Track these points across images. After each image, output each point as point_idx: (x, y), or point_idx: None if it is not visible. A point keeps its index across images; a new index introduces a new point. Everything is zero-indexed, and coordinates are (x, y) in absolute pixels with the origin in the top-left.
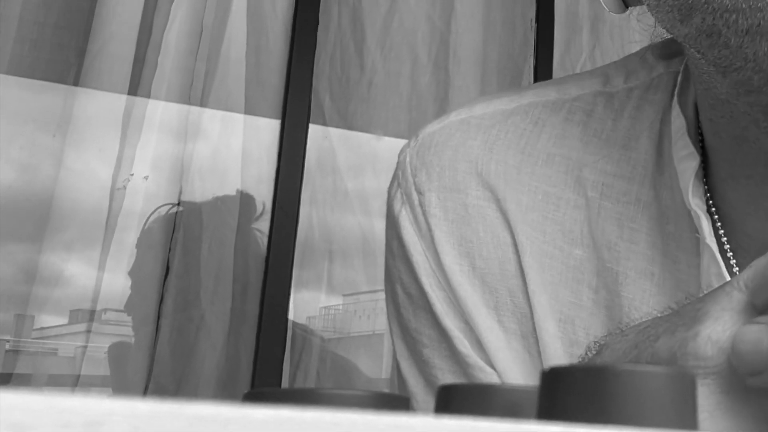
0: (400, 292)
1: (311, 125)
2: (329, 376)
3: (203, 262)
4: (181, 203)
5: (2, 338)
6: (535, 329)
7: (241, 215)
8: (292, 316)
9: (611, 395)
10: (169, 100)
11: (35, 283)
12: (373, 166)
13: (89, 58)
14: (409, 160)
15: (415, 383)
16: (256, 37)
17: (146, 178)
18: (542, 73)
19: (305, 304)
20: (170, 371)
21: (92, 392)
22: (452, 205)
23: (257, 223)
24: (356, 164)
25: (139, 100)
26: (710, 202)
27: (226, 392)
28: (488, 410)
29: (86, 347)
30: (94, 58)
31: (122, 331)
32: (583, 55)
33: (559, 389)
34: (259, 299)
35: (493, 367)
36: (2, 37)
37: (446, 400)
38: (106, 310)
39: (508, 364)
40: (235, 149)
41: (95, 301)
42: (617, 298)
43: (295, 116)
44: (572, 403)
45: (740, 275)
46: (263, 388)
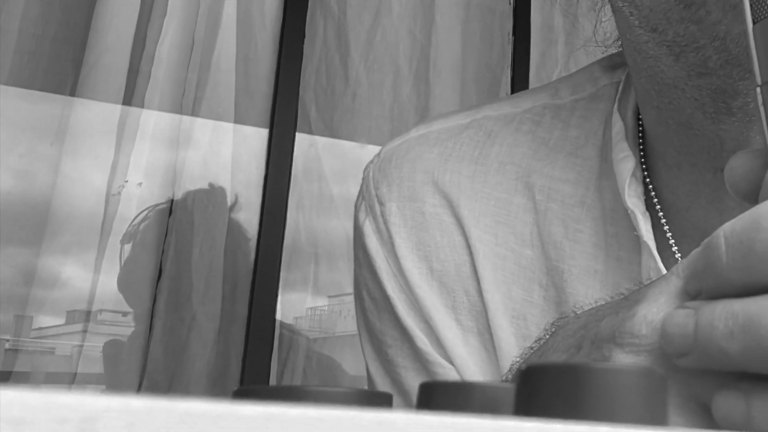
0: (366, 297)
1: (298, 134)
2: (315, 374)
3: (194, 264)
4: (173, 208)
5: (2, 338)
6: (490, 326)
7: (230, 219)
8: (279, 316)
9: (585, 392)
10: (162, 109)
11: (34, 284)
12: (357, 172)
13: (85, 69)
14: (372, 174)
15: (382, 382)
16: (245, 49)
17: (140, 184)
18: (519, 83)
19: (292, 305)
20: (163, 369)
21: (88, 389)
22: (411, 213)
23: (233, 213)
24: (341, 171)
25: (133, 109)
26: (655, 199)
27: (216, 389)
28: (467, 407)
29: (82, 346)
30: (90, 69)
31: (117, 330)
32: (558, 66)
33: (535, 386)
34: (248, 300)
35: (452, 362)
36: (2, 49)
37: (427, 396)
38: (101, 310)
39: (465, 359)
40: (225, 156)
41: (91, 302)
42: (563, 294)
43: (282, 125)
44: (548, 399)
45: (680, 262)
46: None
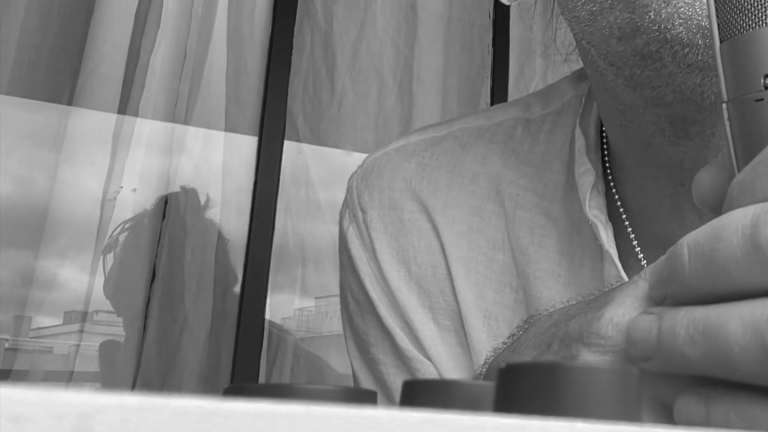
0: (350, 299)
1: (286, 141)
2: (302, 372)
3: (187, 267)
4: (166, 213)
5: (2, 337)
6: (464, 325)
7: (221, 223)
8: (268, 316)
9: (562, 390)
10: (155, 118)
11: (32, 286)
12: (343, 179)
13: (82, 79)
14: (355, 184)
15: (365, 379)
16: (235, 60)
17: (134, 190)
18: (498, 94)
19: (280, 306)
20: (156, 367)
21: (85, 387)
22: (390, 219)
23: (207, 212)
24: (327, 177)
25: (127, 118)
26: (621, 209)
27: (207, 387)
28: (449, 404)
29: (79, 346)
30: (86, 79)
31: (112, 330)
32: (536, 77)
33: (514, 384)
34: (238, 301)
35: (430, 359)
36: (2, 60)
37: (410, 394)
38: (97, 311)
39: (442, 356)
40: (216, 163)
41: (87, 303)
42: (530, 297)
43: (271, 133)
44: (526, 396)
45: (647, 268)
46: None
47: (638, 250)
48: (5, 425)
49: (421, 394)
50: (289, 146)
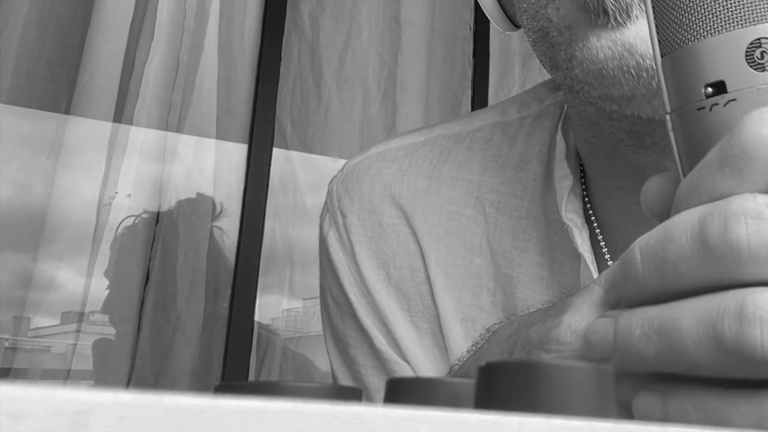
0: (330, 301)
1: (275, 149)
2: (290, 370)
3: (179, 269)
4: (159, 217)
5: (1, 337)
6: (442, 328)
7: (212, 227)
8: (257, 317)
9: (540, 387)
10: (149, 126)
11: (31, 288)
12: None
13: (78, 89)
14: (335, 188)
15: (344, 379)
16: (226, 71)
17: (129, 195)
18: (479, 102)
19: (269, 306)
20: (150, 365)
21: (81, 384)
22: (370, 224)
23: (217, 221)
24: (314, 183)
25: (122, 126)
26: (593, 216)
27: (199, 384)
28: (431, 401)
29: (76, 345)
30: (83, 89)
31: (108, 330)
32: (515, 86)
33: (494, 382)
34: (228, 302)
35: (407, 361)
36: (2, 70)
37: (394, 391)
38: (93, 312)
39: (420, 358)
40: (207, 170)
41: (84, 304)
42: (512, 299)
43: (260, 141)
44: (505, 394)
45: (601, 274)
46: (232, 380)
47: (606, 253)
48: (5, 421)
49: (404, 391)
50: (277, 153)
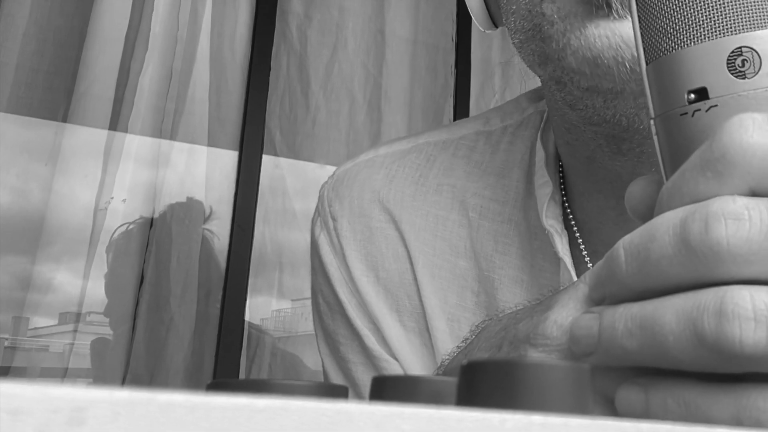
0: (321, 301)
1: (264, 156)
2: (279, 368)
3: (172, 272)
4: (153, 222)
5: (1, 336)
6: (428, 327)
7: (204, 231)
8: (248, 317)
9: (519, 385)
10: (143, 134)
11: (29, 289)
12: (317, 190)
13: (75, 98)
14: (326, 193)
15: (335, 376)
16: (217, 80)
17: (124, 200)
18: (461, 111)
19: (259, 307)
20: (144, 364)
21: (78, 382)
22: (360, 227)
23: (207, 224)
24: (302, 189)
25: (118, 134)
26: (570, 216)
27: (192, 382)
28: (415, 398)
29: (73, 344)
30: (79, 98)
31: (104, 330)
32: (495, 96)
33: (475, 380)
34: (220, 303)
35: (396, 358)
36: (2, 80)
37: (379, 389)
38: (90, 312)
39: (408, 356)
40: (199, 176)
41: (81, 305)
42: (494, 300)
43: (250, 148)
44: (486, 391)
45: (587, 272)
46: (223, 378)
47: (586, 255)
48: (4, 418)
49: (389, 389)
50: (267, 160)
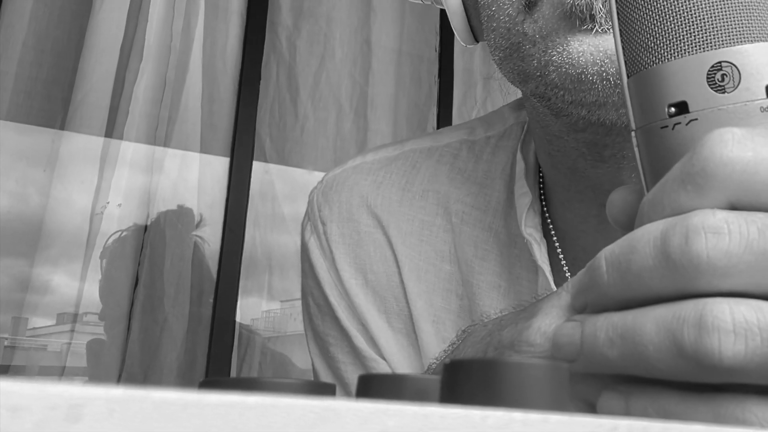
0: (311, 303)
1: (255, 162)
2: (269, 367)
3: (166, 274)
4: (148, 226)
5: (1, 336)
6: (415, 328)
7: (197, 235)
8: (239, 318)
9: (501, 383)
10: (138, 141)
11: (28, 291)
12: (305, 194)
13: (73, 106)
14: (315, 198)
15: (325, 375)
16: (209, 89)
17: (119, 205)
18: (444, 119)
19: (250, 308)
20: (139, 363)
21: (75, 380)
22: (348, 231)
23: (198, 230)
24: (291, 193)
25: (113, 141)
26: (550, 226)
27: (185, 380)
28: (399, 395)
29: (70, 344)
30: (76, 107)
31: (100, 331)
32: (477, 105)
33: (458, 378)
34: (212, 304)
35: (384, 358)
36: (1, 89)
37: (365, 387)
38: (86, 313)
39: (396, 356)
40: (192, 181)
41: (77, 306)
42: (474, 304)
43: (241, 154)
44: (468, 389)
45: (569, 280)
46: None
47: (564, 264)
48: (4, 414)
49: (375, 387)
50: (257, 166)
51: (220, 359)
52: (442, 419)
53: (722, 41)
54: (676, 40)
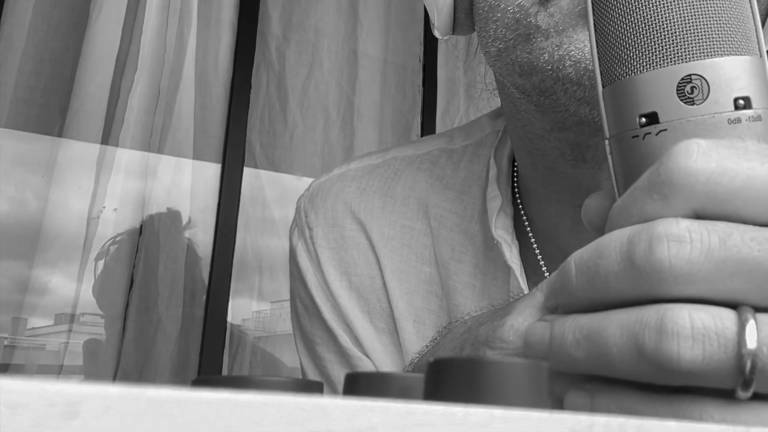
0: (299, 304)
1: (245, 168)
2: (259, 366)
3: (160, 276)
4: (142, 230)
5: (1, 336)
6: (397, 328)
7: (189, 239)
8: (230, 318)
9: (482, 381)
10: (133, 148)
11: (27, 292)
12: (294, 199)
13: (70, 115)
14: (302, 205)
15: (312, 373)
16: (201, 98)
17: (115, 210)
18: (427, 127)
19: (241, 309)
20: (134, 362)
21: (72, 378)
22: (333, 236)
23: (190, 231)
24: (281, 198)
25: (109, 148)
26: (528, 227)
27: (178, 379)
28: (385, 393)
29: (68, 343)
30: (74, 115)
31: (96, 330)
32: (459, 113)
33: (441, 376)
34: (204, 305)
35: (368, 356)
36: (1, 98)
37: (352, 384)
38: (83, 314)
39: (379, 354)
40: (184, 187)
41: (75, 306)
42: (451, 304)
43: (232, 160)
44: (451, 387)
45: (543, 281)
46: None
47: (543, 264)
48: (4, 411)
49: (360, 384)
50: (247, 172)
51: (212, 358)
52: (425, 416)
53: (692, 55)
54: (648, 52)
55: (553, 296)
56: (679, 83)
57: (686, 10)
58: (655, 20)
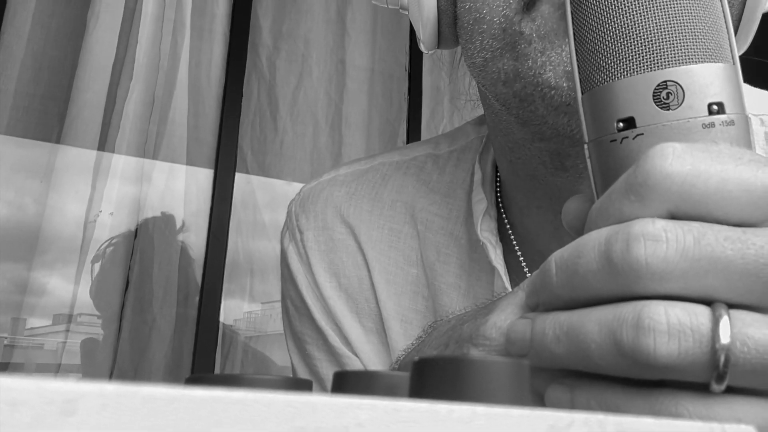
0: (290, 305)
1: (237, 173)
2: (251, 364)
3: (155, 277)
4: (137, 233)
5: (1, 336)
6: (384, 327)
7: (183, 241)
8: (222, 319)
9: (465, 379)
10: (128, 154)
11: (26, 293)
12: (284, 204)
13: (68, 122)
14: (293, 209)
15: (302, 372)
16: (195, 105)
17: (111, 214)
18: (413, 134)
19: (232, 309)
20: (129, 361)
21: (70, 377)
22: (323, 239)
23: (183, 234)
24: (271, 202)
25: (105, 154)
26: (510, 231)
27: (172, 377)
28: (372, 391)
29: (65, 343)
30: (71, 122)
31: (93, 330)
32: (444, 120)
33: (426, 374)
34: (197, 306)
35: (357, 355)
36: (1, 105)
37: (340, 382)
38: (80, 314)
39: (368, 353)
40: (178, 191)
41: (72, 307)
42: (437, 304)
43: (224, 166)
44: (436, 385)
45: (525, 280)
46: (200, 374)
47: (524, 266)
48: (3, 409)
49: (349, 382)
50: (239, 177)
51: (205, 357)
52: (410, 413)
53: (668, 62)
54: (625, 60)
55: (534, 294)
56: (655, 89)
57: (662, 19)
58: (631, 29)
